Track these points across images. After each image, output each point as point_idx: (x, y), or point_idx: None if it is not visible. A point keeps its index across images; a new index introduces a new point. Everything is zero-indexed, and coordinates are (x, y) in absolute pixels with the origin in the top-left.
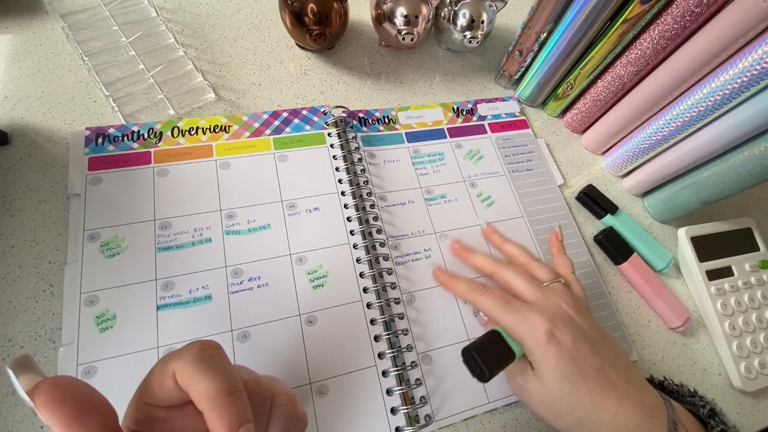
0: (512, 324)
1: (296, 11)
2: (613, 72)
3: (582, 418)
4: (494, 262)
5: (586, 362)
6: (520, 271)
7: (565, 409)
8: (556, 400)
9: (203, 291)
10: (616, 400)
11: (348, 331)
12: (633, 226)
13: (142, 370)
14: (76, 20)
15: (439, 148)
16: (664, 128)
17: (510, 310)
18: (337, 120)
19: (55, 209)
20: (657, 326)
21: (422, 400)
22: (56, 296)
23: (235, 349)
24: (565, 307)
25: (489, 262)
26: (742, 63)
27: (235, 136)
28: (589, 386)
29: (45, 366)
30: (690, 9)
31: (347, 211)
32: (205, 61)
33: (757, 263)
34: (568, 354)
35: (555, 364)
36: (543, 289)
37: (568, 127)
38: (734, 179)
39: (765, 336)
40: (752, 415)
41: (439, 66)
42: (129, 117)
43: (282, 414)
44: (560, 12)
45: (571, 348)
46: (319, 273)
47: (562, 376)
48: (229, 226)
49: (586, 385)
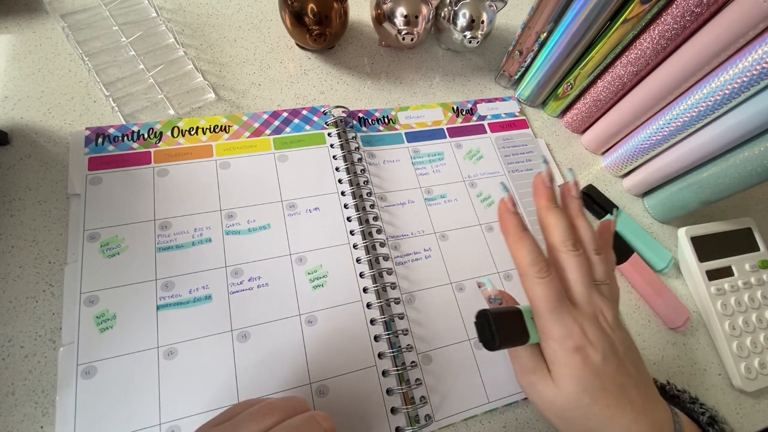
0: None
1: (296, 11)
2: (613, 72)
3: (593, 430)
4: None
5: (609, 378)
6: (583, 264)
7: (577, 418)
8: (571, 409)
9: (203, 291)
10: (632, 417)
11: (348, 331)
12: (633, 226)
13: (142, 370)
14: (76, 20)
15: (439, 148)
16: (664, 128)
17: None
18: (337, 120)
19: (55, 209)
20: (657, 326)
21: (422, 400)
22: (56, 296)
23: (235, 349)
24: (602, 320)
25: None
26: (742, 63)
27: (235, 136)
28: (608, 401)
29: (45, 366)
30: (690, 9)
31: (347, 211)
32: (205, 61)
33: (757, 263)
34: (593, 367)
35: (578, 374)
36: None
37: (568, 127)
38: (734, 179)
39: (765, 336)
40: (752, 415)
41: (439, 66)
42: (129, 117)
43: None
44: (560, 12)
45: (600, 363)
46: (319, 273)
47: (584, 388)
48: (229, 226)
49: (605, 400)
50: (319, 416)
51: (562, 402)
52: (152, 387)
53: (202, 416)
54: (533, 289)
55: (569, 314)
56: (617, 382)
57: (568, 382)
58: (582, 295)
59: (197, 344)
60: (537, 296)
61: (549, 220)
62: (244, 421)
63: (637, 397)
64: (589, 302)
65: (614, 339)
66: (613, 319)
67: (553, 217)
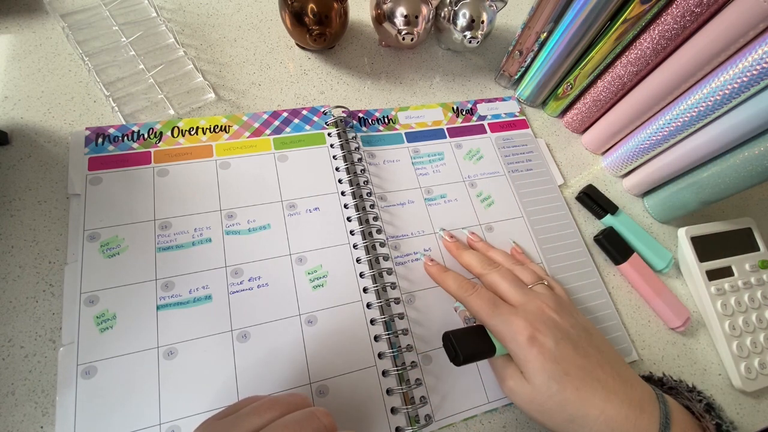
0: (497, 327)
1: (296, 11)
2: (613, 72)
3: (572, 416)
4: (482, 263)
5: (569, 361)
6: (506, 274)
7: (555, 408)
8: (545, 399)
9: (203, 291)
10: (604, 395)
11: (348, 331)
12: (633, 226)
13: (142, 370)
14: (76, 20)
15: (439, 148)
16: (664, 128)
17: (495, 313)
18: (337, 120)
19: (55, 209)
20: (657, 326)
21: (422, 400)
22: (56, 296)
23: (235, 349)
24: (547, 309)
25: (478, 263)
26: (742, 63)
27: (235, 136)
28: (575, 384)
29: (45, 366)
30: (690, 9)
31: (347, 211)
32: (205, 61)
33: (757, 263)
34: (551, 355)
35: (540, 365)
36: (527, 291)
37: (568, 127)
38: (734, 179)
39: (765, 336)
40: (752, 415)
41: (439, 66)
42: (129, 117)
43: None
44: (560, 12)
45: (554, 349)
46: (319, 273)
47: (548, 376)
48: (229, 226)
49: (571, 383)
50: (320, 412)
51: (536, 396)
52: (152, 387)
53: (202, 416)
54: (471, 305)
55: (510, 313)
56: (578, 364)
57: (535, 375)
58: (517, 295)
59: (197, 344)
60: (476, 308)
61: (464, 259)
62: (246, 415)
63: (605, 376)
64: (527, 299)
65: (564, 324)
66: (559, 309)
67: (467, 256)
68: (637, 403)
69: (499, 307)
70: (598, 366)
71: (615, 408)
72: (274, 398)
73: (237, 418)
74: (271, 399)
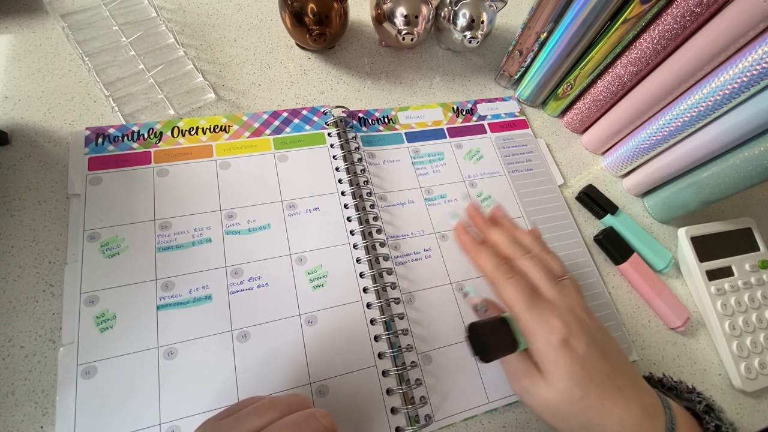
0: (530, 322)
1: (296, 11)
2: (613, 72)
3: (588, 423)
4: (514, 245)
5: (595, 368)
6: (539, 263)
7: (571, 413)
8: (564, 404)
9: (203, 291)
10: (623, 404)
11: (348, 331)
12: (633, 226)
13: (142, 370)
14: (76, 20)
15: (439, 148)
16: (664, 128)
17: (532, 307)
18: (337, 120)
19: (55, 209)
20: (657, 326)
21: (422, 400)
22: (56, 296)
23: (235, 349)
24: (578, 309)
25: (509, 244)
26: (742, 63)
27: (235, 136)
28: (599, 392)
29: (45, 366)
30: (690, 9)
31: (347, 211)
32: (205, 61)
33: (757, 263)
34: (579, 360)
35: (567, 370)
36: (558, 286)
37: (568, 127)
38: (734, 179)
39: (765, 336)
40: (752, 415)
41: (439, 66)
42: (129, 117)
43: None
44: (560, 12)
45: (584, 354)
46: (319, 273)
47: (574, 382)
48: (229, 226)
49: (596, 391)
50: (319, 413)
51: (556, 401)
52: (152, 387)
53: (202, 416)
54: (505, 292)
55: (547, 309)
56: (603, 371)
57: (559, 379)
58: (551, 290)
59: (197, 344)
60: (510, 297)
61: (493, 237)
62: (246, 416)
63: (624, 384)
64: (561, 295)
65: (592, 326)
66: (586, 309)
67: (494, 234)
68: (648, 411)
69: (537, 301)
70: (619, 373)
71: (631, 417)
72: (274, 399)
73: (237, 418)
74: (271, 400)
